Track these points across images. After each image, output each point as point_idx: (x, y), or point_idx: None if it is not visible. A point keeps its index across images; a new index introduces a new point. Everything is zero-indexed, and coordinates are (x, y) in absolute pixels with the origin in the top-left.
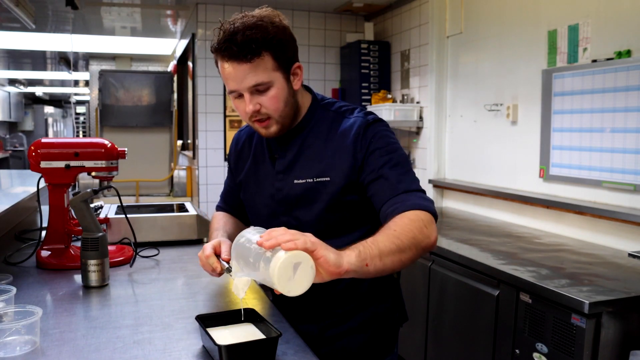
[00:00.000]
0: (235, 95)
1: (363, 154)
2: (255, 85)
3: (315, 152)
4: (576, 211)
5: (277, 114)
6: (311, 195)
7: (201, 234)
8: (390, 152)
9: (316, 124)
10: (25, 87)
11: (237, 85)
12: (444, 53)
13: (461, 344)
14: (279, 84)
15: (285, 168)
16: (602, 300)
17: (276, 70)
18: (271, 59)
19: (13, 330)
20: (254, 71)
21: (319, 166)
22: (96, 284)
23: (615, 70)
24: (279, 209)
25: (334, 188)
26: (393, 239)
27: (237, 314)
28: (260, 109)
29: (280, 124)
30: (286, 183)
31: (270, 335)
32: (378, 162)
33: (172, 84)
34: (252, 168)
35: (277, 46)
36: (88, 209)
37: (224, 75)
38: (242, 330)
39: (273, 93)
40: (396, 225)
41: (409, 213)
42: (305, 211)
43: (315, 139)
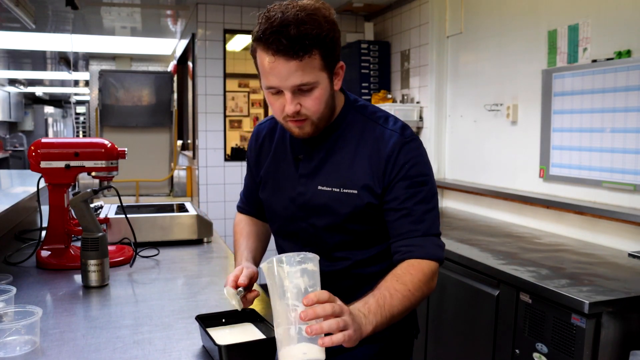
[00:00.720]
0: (274, 92)
1: (393, 176)
2: (300, 85)
3: (343, 158)
4: (576, 211)
5: (316, 115)
6: (335, 205)
7: (201, 234)
8: (421, 185)
9: (347, 128)
10: (25, 87)
11: (280, 83)
12: (444, 53)
13: (461, 344)
14: (324, 84)
15: (310, 172)
16: (602, 300)
17: (323, 70)
18: (320, 58)
19: (13, 330)
20: (301, 70)
21: (346, 175)
22: (96, 284)
23: (615, 70)
24: (298, 214)
25: (359, 202)
26: (406, 300)
27: (237, 314)
28: (300, 110)
29: (316, 126)
30: (309, 188)
31: (270, 335)
32: (406, 192)
33: (172, 84)
34: (271, 166)
35: (328, 44)
36: (88, 209)
37: (265, 69)
38: (242, 330)
39: (317, 94)
40: (411, 283)
41: (423, 264)
42: (325, 220)
43: (345, 143)
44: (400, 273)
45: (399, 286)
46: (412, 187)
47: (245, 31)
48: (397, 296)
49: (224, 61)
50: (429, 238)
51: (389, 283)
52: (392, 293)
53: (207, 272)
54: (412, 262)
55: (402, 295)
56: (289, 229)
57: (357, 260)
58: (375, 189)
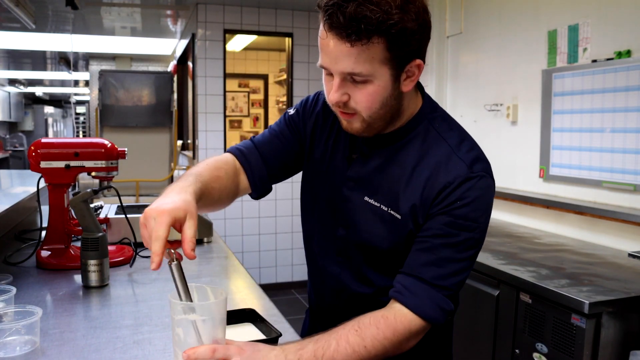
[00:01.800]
0: (327, 72)
1: (439, 208)
2: (350, 74)
3: (400, 174)
4: (576, 211)
5: (368, 112)
6: (375, 225)
7: (201, 234)
8: (463, 229)
9: (414, 140)
10: (25, 87)
11: (329, 64)
12: (444, 53)
13: (461, 344)
14: (382, 81)
15: (360, 178)
16: (602, 301)
17: (385, 64)
18: (384, 49)
19: (13, 330)
20: (354, 57)
21: (397, 195)
22: (96, 284)
23: (615, 70)
24: (334, 215)
25: (402, 230)
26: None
27: (237, 314)
28: (348, 102)
29: (367, 124)
30: (355, 195)
31: (270, 335)
32: (441, 229)
33: (172, 84)
34: (322, 156)
35: (398, 36)
36: (88, 209)
37: (320, 43)
38: (242, 330)
39: (370, 90)
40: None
41: (401, 320)
42: (360, 237)
43: (406, 157)
44: (365, 323)
45: (353, 339)
46: (451, 227)
47: (245, 31)
48: (344, 351)
49: (224, 61)
50: (434, 290)
51: (344, 332)
52: (341, 345)
53: (207, 272)
54: (389, 314)
55: (352, 351)
56: (324, 234)
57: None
58: (419, 218)
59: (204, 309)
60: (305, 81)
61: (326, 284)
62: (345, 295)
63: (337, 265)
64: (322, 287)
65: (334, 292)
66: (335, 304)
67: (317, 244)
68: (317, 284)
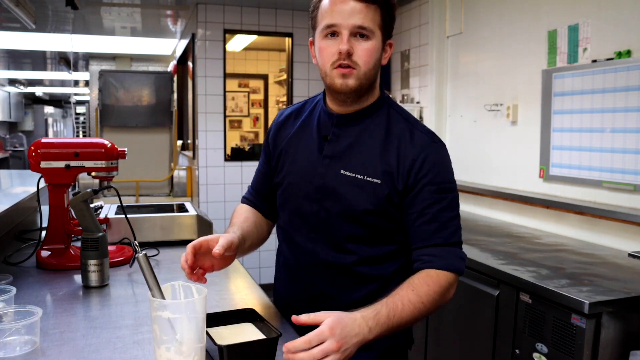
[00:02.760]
0: (328, 33)
1: (419, 179)
2: (360, 27)
3: (370, 147)
4: (576, 211)
5: (365, 69)
6: (354, 193)
7: (201, 234)
8: (447, 192)
9: (379, 118)
10: (25, 87)
11: (342, 20)
12: (444, 53)
13: (461, 344)
14: (377, 41)
15: (335, 155)
16: (602, 301)
17: (379, 27)
18: (380, 15)
19: (13, 331)
20: (364, 13)
21: (371, 164)
22: (96, 284)
23: (615, 70)
24: (313, 195)
25: (380, 193)
26: (416, 312)
27: (237, 314)
28: (352, 55)
29: (360, 82)
30: (330, 171)
31: (270, 335)
32: (432, 198)
33: (172, 84)
34: (294, 139)
35: (389, 8)
36: (88, 209)
37: (329, 10)
38: (242, 330)
39: (370, 45)
40: (426, 295)
41: (441, 276)
42: (341, 206)
43: (374, 134)
44: (417, 283)
45: (413, 297)
46: (439, 193)
47: (245, 31)
48: (409, 308)
49: (224, 61)
50: (451, 249)
51: (404, 292)
52: (405, 304)
53: None
54: (431, 273)
55: (414, 308)
56: (299, 211)
57: (364, 257)
58: (397, 184)
59: (176, 307)
60: (305, 81)
61: (300, 260)
62: (320, 267)
63: (310, 241)
64: (296, 268)
65: (308, 267)
66: (310, 281)
67: (293, 230)
68: (290, 267)
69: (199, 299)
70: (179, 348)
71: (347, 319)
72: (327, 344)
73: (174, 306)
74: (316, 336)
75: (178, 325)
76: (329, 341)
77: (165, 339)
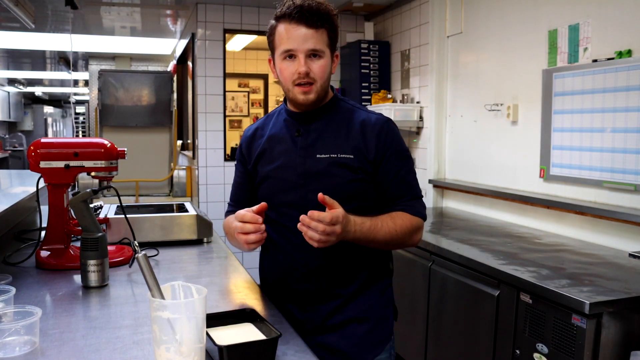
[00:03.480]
0: (286, 56)
1: (384, 150)
2: (313, 50)
3: (337, 133)
4: (577, 211)
5: (321, 82)
6: (332, 170)
7: (201, 234)
8: (406, 158)
9: (337, 112)
10: (25, 87)
11: (298, 46)
12: (444, 53)
13: (461, 344)
14: (327, 58)
15: (309, 145)
16: (602, 301)
17: (328, 46)
18: (327, 36)
19: (12, 331)
20: (315, 38)
21: (342, 144)
22: (96, 284)
23: (615, 70)
24: (298, 181)
25: (354, 165)
26: (388, 236)
27: (237, 314)
28: (309, 72)
29: (318, 94)
30: (308, 157)
31: (270, 335)
32: (397, 164)
33: (171, 84)
34: (268, 145)
35: (333, 28)
36: (88, 209)
37: (285, 36)
38: (242, 330)
39: (323, 63)
40: (400, 227)
41: (413, 219)
42: (325, 184)
43: (336, 123)
44: (395, 215)
45: (390, 223)
46: (402, 159)
47: (245, 31)
48: (386, 229)
49: (223, 61)
50: (417, 200)
51: (384, 217)
52: (383, 226)
53: (207, 272)
54: (405, 214)
55: (389, 231)
56: (287, 200)
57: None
58: (367, 155)
59: (176, 307)
60: None
61: (295, 242)
62: None
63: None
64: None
65: (304, 245)
66: (308, 257)
67: (283, 216)
68: (285, 251)
69: (199, 299)
70: (179, 348)
71: (349, 216)
72: (337, 227)
73: (173, 306)
74: (335, 218)
75: (178, 326)
76: (338, 225)
77: (165, 339)
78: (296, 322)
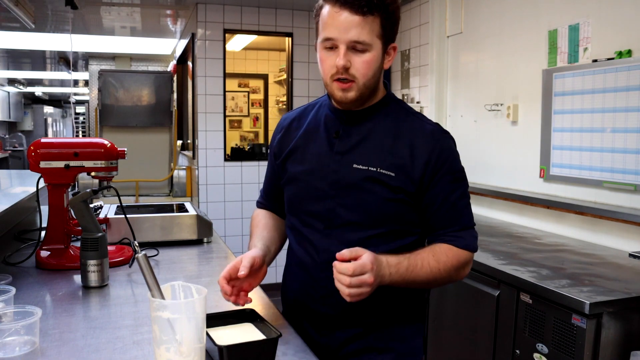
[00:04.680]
0: (328, 45)
1: (435, 170)
2: (356, 41)
3: (381, 141)
4: (577, 211)
5: (363, 80)
6: (368, 186)
7: (201, 234)
8: (461, 181)
9: (387, 115)
10: (25, 87)
11: (339, 35)
12: (444, 53)
13: (461, 344)
14: (376, 52)
15: (346, 150)
16: (602, 301)
17: (379, 37)
18: (379, 24)
19: (12, 331)
20: (361, 26)
21: (385, 158)
22: (96, 284)
23: (615, 70)
24: (328, 192)
25: (393, 184)
26: (431, 277)
27: (237, 314)
28: (350, 68)
29: (360, 93)
30: (344, 166)
31: (271, 335)
32: (450, 187)
33: (171, 84)
34: (301, 141)
35: (389, 15)
36: (87, 209)
37: (327, 22)
38: (242, 330)
39: (368, 57)
40: (444, 264)
41: (460, 253)
42: (357, 200)
43: (384, 128)
44: (438, 251)
45: (432, 261)
46: (455, 182)
47: (245, 31)
48: (426, 269)
49: (223, 61)
50: (468, 230)
51: (425, 255)
52: (424, 265)
53: (206, 272)
54: (452, 247)
55: (431, 271)
56: (313, 210)
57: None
58: (412, 174)
59: (176, 307)
60: (305, 81)
61: (316, 259)
62: None
63: (327, 238)
64: (312, 267)
65: (325, 264)
66: (329, 278)
67: (305, 227)
68: (306, 267)
69: (199, 299)
70: (179, 348)
71: (380, 259)
72: (367, 277)
73: (173, 306)
74: (360, 267)
75: (178, 326)
76: (368, 274)
77: (165, 339)
78: (314, 345)
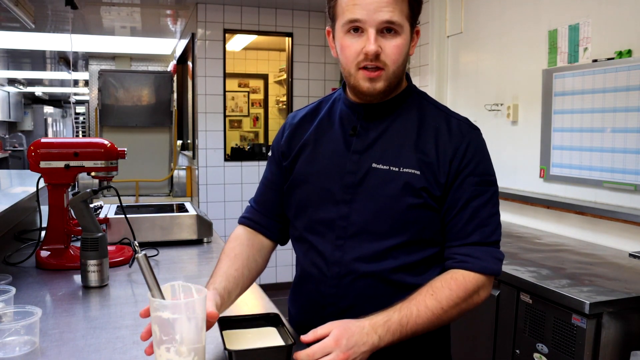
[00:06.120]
0: (351, 28)
1: (460, 169)
2: (388, 22)
3: (403, 138)
4: (577, 211)
5: (393, 68)
6: (388, 189)
7: (201, 234)
8: (488, 185)
9: (409, 108)
10: (25, 87)
11: (367, 16)
12: (444, 53)
13: (461, 344)
14: (406, 35)
15: (365, 148)
16: (602, 301)
17: (407, 19)
18: (407, 4)
19: (12, 331)
20: (392, 6)
21: (408, 155)
22: (96, 284)
23: (615, 70)
24: (342, 196)
25: (417, 185)
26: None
27: (263, 318)
28: (380, 54)
29: (389, 83)
30: (362, 166)
31: (288, 342)
32: (475, 190)
33: (171, 84)
34: (311, 139)
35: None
36: (87, 209)
37: (351, 1)
38: (263, 335)
39: (399, 42)
40: (446, 300)
41: (470, 279)
42: (377, 204)
43: (406, 123)
44: (438, 287)
45: (431, 303)
46: (481, 185)
47: (245, 31)
48: (425, 314)
49: (223, 61)
50: (489, 249)
51: (421, 297)
52: (421, 310)
53: (207, 272)
54: (457, 275)
55: (432, 314)
56: (323, 216)
57: (405, 263)
58: (438, 176)
59: (176, 307)
60: (305, 81)
61: (325, 272)
62: (352, 278)
63: (339, 249)
64: (320, 281)
65: (336, 279)
66: (338, 294)
67: (314, 236)
68: (313, 281)
69: (199, 299)
70: (179, 348)
71: (354, 327)
72: (333, 356)
73: (173, 306)
74: (320, 349)
75: (178, 326)
76: (335, 353)
77: (165, 339)
78: None
